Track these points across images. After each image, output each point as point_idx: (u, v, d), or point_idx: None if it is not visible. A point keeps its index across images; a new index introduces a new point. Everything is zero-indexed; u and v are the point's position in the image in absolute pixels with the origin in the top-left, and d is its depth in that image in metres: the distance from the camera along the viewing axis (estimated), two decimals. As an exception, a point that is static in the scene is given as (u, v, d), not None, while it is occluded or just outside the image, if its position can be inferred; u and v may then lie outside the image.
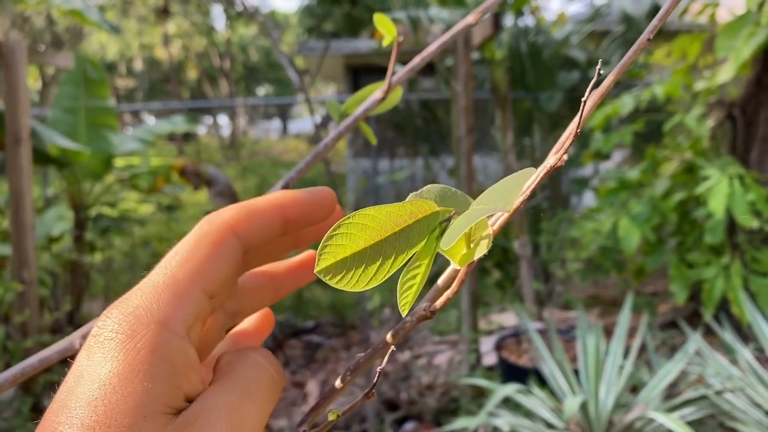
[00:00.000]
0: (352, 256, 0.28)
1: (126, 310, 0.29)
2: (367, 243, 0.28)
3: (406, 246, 0.29)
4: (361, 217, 0.28)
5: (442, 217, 0.29)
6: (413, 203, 0.29)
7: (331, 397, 0.32)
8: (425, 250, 0.29)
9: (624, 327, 2.47)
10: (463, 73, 2.97)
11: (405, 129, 5.59)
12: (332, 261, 0.28)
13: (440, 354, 3.49)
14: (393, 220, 0.28)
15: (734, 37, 2.86)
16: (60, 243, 4.02)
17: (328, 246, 0.28)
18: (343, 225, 0.28)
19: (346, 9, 12.52)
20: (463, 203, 0.30)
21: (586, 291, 4.75)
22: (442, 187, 0.31)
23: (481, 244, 0.28)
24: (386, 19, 0.36)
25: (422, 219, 0.29)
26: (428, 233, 0.29)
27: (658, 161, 3.51)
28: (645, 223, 3.14)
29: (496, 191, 0.25)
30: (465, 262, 0.29)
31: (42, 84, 15.41)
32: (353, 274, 0.28)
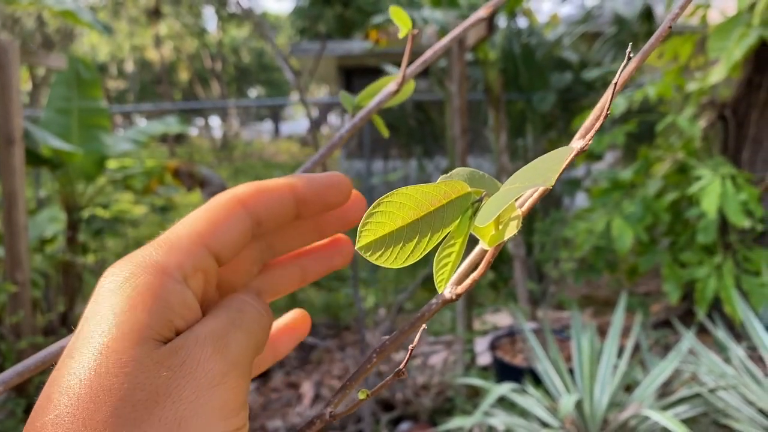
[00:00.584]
0: (390, 234, 0.29)
1: (128, 259, 0.32)
2: (404, 221, 0.29)
3: (441, 225, 0.30)
4: (399, 196, 0.29)
5: (473, 197, 0.30)
6: (447, 183, 0.29)
7: (357, 379, 0.32)
8: (459, 229, 0.30)
9: (618, 326, 2.48)
10: (458, 74, 2.98)
11: (399, 130, 5.59)
12: (372, 238, 0.29)
13: (435, 354, 3.50)
14: (428, 200, 0.29)
15: (726, 39, 2.88)
16: (53, 244, 4.00)
17: (369, 223, 0.28)
18: (383, 203, 0.28)
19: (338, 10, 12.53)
20: (491, 186, 0.31)
21: (580, 291, 4.77)
22: (471, 171, 0.31)
23: (510, 224, 0.28)
24: (402, 12, 0.36)
25: (455, 199, 0.30)
26: (461, 213, 0.30)
27: (650, 162, 3.53)
28: (638, 223, 3.16)
29: (532, 170, 0.26)
30: (494, 243, 0.29)
31: (32, 85, 15.35)
32: (392, 251, 0.29)
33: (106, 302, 0.30)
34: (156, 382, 0.28)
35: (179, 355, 0.29)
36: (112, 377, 0.27)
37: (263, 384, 3.53)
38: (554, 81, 4.45)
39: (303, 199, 0.37)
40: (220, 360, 0.30)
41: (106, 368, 0.28)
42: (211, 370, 0.29)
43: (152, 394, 0.27)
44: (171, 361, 0.29)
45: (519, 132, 4.73)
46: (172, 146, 16.32)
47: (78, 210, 3.83)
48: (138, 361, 0.28)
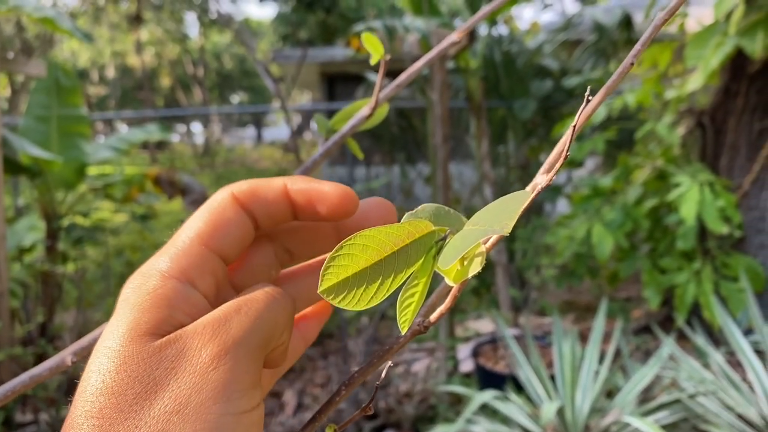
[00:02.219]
0: (353, 276, 0.29)
1: (138, 271, 0.34)
2: (367, 263, 0.29)
3: (405, 265, 0.29)
4: (361, 238, 0.28)
5: (437, 236, 0.30)
6: (410, 223, 0.29)
7: (326, 411, 0.32)
8: (423, 269, 0.30)
9: (599, 332, 2.50)
10: (439, 83, 3.00)
11: (381, 137, 5.60)
12: (335, 281, 0.28)
13: (418, 361, 3.50)
14: (392, 241, 0.29)
15: (703, 47, 2.92)
16: (32, 253, 3.96)
17: (331, 267, 0.28)
18: (345, 246, 0.28)
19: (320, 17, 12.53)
20: (456, 222, 0.31)
21: (561, 297, 4.79)
22: (436, 207, 0.31)
23: (474, 261, 0.28)
24: (373, 38, 0.36)
25: (419, 239, 0.30)
26: (425, 252, 0.30)
27: (630, 168, 3.56)
28: (618, 229, 3.18)
29: (491, 212, 0.26)
30: (459, 280, 0.29)
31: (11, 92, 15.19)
32: (355, 293, 0.29)
33: (115, 313, 0.32)
34: (154, 373, 0.29)
35: (176, 344, 0.30)
36: (113, 374, 0.29)
37: (245, 393, 3.51)
38: (535, 88, 4.48)
39: (296, 204, 0.37)
40: (217, 343, 0.30)
41: (107, 368, 0.29)
42: (208, 354, 0.30)
43: (151, 385, 0.29)
44: (167, 352, 0.30)
45: (500, 139, 4.75)
46: (153, 153, 16.22)
47: (57, 218, 3.79)
48: (134, 356, 0.29)
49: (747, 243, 3.26)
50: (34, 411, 3.16)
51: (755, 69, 3.15)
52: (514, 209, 0.25)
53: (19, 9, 3.47)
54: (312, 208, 0.37)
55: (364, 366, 0.33)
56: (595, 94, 0.30)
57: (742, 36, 2.76)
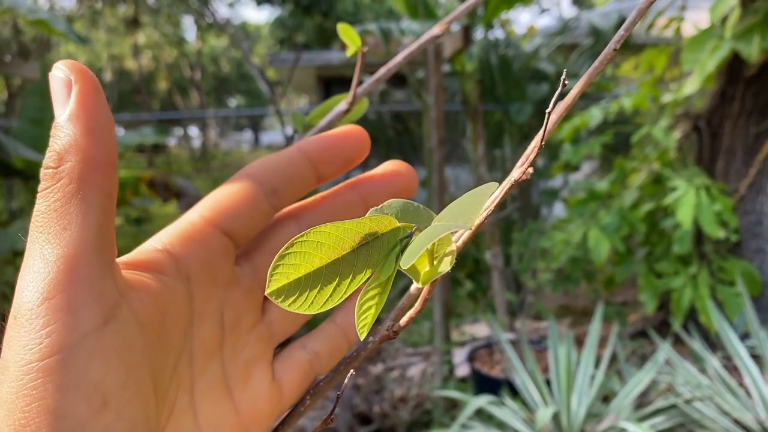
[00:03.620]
0: (306, 277, 0.26)
1: None
2: (322, 262, 0.26)
3: (365, 265, 0.27)
4: (315, 234, 0.26)
5: (403, 233, 0.28)
6: (372, 219, 0.27)
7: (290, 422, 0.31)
8: (385, 269, 0.28)
9: (595, 337, 2.48)
10: (434, 85, 2.99)
11: (377, 140, 5.59)
12: (284, 282, 0.26)
13: (413, 366, 3.48)
14: (351, 237, 0.27)
15: (699, 51, 2.91)
16: (25, 257, 3.93)
17: (280, 266, 0.26)
18: (296, 243, 0.26)
19: (317, 21, 12.54)
20: (426, 218, 0.29)
21: (557, 301, 4.78)
22: (405, 202, 0.29)
23: (444, 260, 0.26)
24: (349, 29, 0.35)
25: (382, 236, 0.27)
26: (388, 251, 0.28)
27: (626, 172, 3.55)
28: (614, 233, 3.17)
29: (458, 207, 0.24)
30: (428, 280, 0.27)
31: (8, 95, 15.17)
32: (307, 295, 0.27)
33: None
34: None
35: None
36: None
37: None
38: (531, 92, 4.48)
39: (318, 158, 0.36)
40: None
41: None
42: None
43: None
44: None
45: (497, 143, 4.74)
46: (150, 156, 16.20)
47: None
48: None
49: (743, 247, 3.25)
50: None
51: (751, 73, 3.14)
52: (479, 203, 0.23)
53: (13, 11, 3.46)
54: (329, 156, 0.36)
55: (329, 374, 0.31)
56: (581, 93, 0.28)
57: (738, 40, 2.75)
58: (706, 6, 3.57)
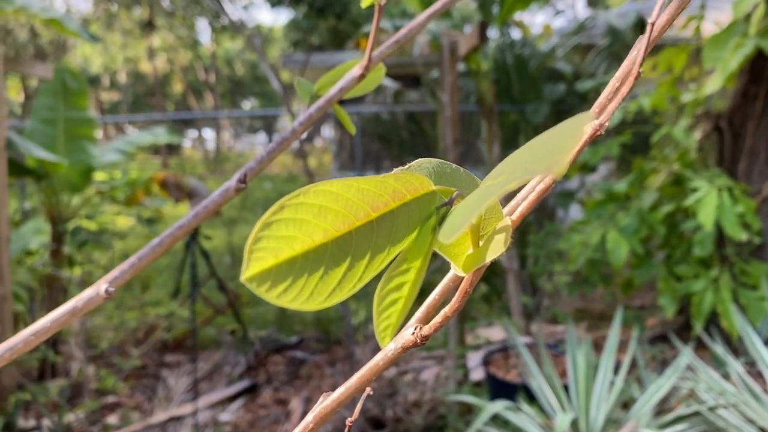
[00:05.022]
0: (303, 256, 0.18)
1: None
2: (327, 235, 0.18)
3: (387, 241, 0.19)
4: (317, 195, 0.18)
5: (440, 200, 0.20)
6: (398, 178, 0.19)
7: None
8: (416, 248, 0.20)
9: (614, 341, 2.42)
10: (449, 84, 2.93)
11: (391, 141, 5.54)
12: (271, 263, 0.18)
13: (427, 370, 3.42)
14: (367, 202, 0.19)
15: (722, 48, 2.84)
16: (37, 257, 3.92)
17: (264, 239, 0.18)
18: (288, 207, 0.18)
19: (331, 23, 12.53)
20: (468, 183, 0.21)
21: (573, 304, 4.71)
22: (439, 162, 0.21)
23: (495, 240, 0.19)
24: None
25: (411, 201, 0.20)
26: (420, 223, 0.20)
27: (645, 173, 3.48)
28: (633, 235, 3.10)
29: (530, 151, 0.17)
30: (473, 267, 0.20)
31: (25, 96, 15.28)
32: (304, 283, 0.18)
33: None
34: None
35: None
36: None
37: (251, 400, 3.45)
38: (547, 92, 4.41)
39: None
40: None
41: None
42: None
43: None
44: None
45: (512, 143, 4.68)
46: (164, 158, 16.25)
47: (63, 222, 3.75)
48: None
49: (766, 250, 3.17)
50: (37, 417, 3.11)
51: (775, 71, 3.06)
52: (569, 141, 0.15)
53: (26, 9, 3.44)
54: None
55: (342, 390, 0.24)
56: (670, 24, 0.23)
57: (762, 36, 2.68)
58: (725, 6, 3.49)
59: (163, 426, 3.09)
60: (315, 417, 0.24)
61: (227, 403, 3.40)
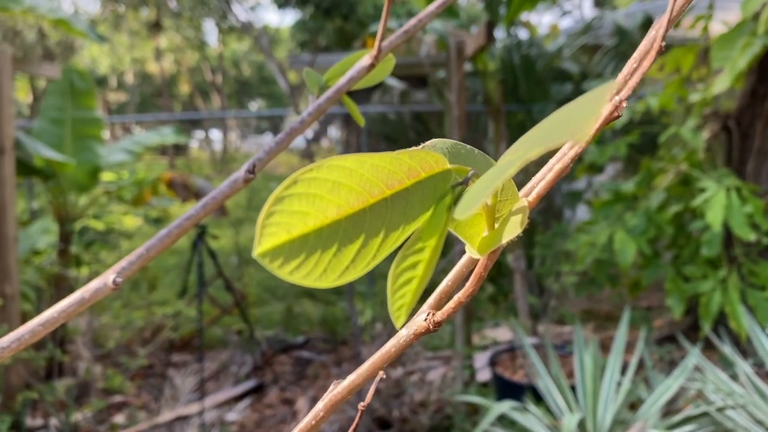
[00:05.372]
0: (316, 233, 0.18)
1: None
2: (341, 212, 0.18)
3: (402, 219, 0.19)
4: (331, 170, 0.18)
5: (455, 179, 0.20)
6: (413, 155, 0.19)
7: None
8: (431, 226, 0.20)
9: (621, 342, 2.41)
10: (456, 84, 2.93)
11: (397, 141, 5.54)
12: (284, 239, 0.18)
13: (433, 370, 3.42)
14: (382, 179, 0.19)
15: (730, 48, 2.83)
16: (44, 256, 3.94)
17: (276, 214, 0.18)
18: (302, 181, 0.18)
19: (338, 23, 12.53)
20: (483, 163, 0.21)
21: (580, 305, 4.69)
22: (454, 143, 0.21)
23: (511, 221, 0.19)
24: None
25: (426, 179, 0.19)
26: (435, 201, 0.20)
27: (653, 173, 3.47)
28: (640, 236, 3.09)
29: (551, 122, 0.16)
30: (488, 248, 0.20)
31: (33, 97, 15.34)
32: (318, 259, 0.18)
33: None
34: None
35: None
36: None
37: (258, 400, 3.45)
38: (554, 92, 4.40)
39: None
40: None
41: None
42: None
43: None
44: None
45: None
46: (172, 158, 16.30)
47: (70, 221, 3.76)
48: None
49: (775, 251, 3.15)
50: (44, 416, 3.12)
51: (784, 71, 3.05)
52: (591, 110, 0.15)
53: (34, 10, 3.46)
54: None
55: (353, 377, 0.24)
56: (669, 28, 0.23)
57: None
58: (733, 5, 3.48)
59: (169, 425, 3.09)
60: (325, 404, 0.24)
61: (234, 403, 3.40)
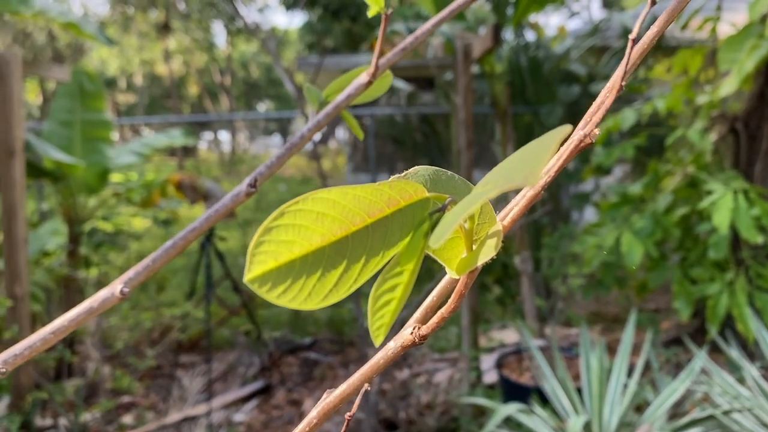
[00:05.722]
0: (302, 259, 0.20)
1: None
2: (325, 240, 0.20)
3: (382, 245, 0.21)
4: (315, 202, 0.19)
5: (433, 206, 0.22)
6: (393, 185, 0.21)
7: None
8: (409, 252, 0.21)
9: (628, 344, 2.41)
10: (463, 86, 2.94)
11: (404, 143, 5.55)
12: (272, 265, 0.20)
13: (440, 372, 3.42)
14: (363, 209, 0.20)
15: (737, 50, 2.82)
16: (54, 258, 3.96)
17: (265, 243, 0.19)
18: (289, 213, 0.19)
19: (346, 25, 12.56)
20: (462, 189, 0.22)
21: (588, 307, 4.69)
22: (435, 170, 0.23)
23: (487, 244, 0.20)
24: (368, -15, 0.31)
25: (405, 208, 0.21)
26: (413, 228, 0.21)
27: (660, 176, 3.46)
28: (648, 238, 3.09)
29: (511, 163, 0.18)
30: (465, 270, 0.21)
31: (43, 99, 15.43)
32: (302, 285, 0.20)
33: None
34: None
35: None
36: None
37: (265, 401, 3.47)
38: (562, 94, 4.40)
39: None
40: None
41: None
42: None
43: None
44: None
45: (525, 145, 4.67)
46: (181, 160, 16.36)
47: (80, 223, 3.79)
48: None
49: (783, 253, 3.14)
50: (53, 416, 3.15)
51: (792, 73, 3.04)
52: (543, 153, 0.17)
53: (44, 13, 3.49)
54: None
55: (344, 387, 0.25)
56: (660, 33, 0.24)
57: (778, 38, 2.66)
58: (741, 7, 3.47)
59: (177, 426, 3.11)
60: (319, 412, 0.25)
61: (241, 404, 3.41)
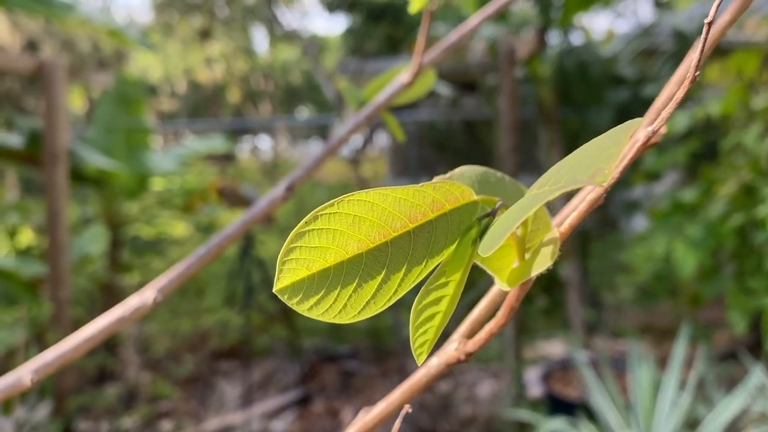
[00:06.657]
0: (336, 268, 0.18)
1: None
2: (362, 246, 0.18)
3: (425, 253, 0.18)
4: (352, 205, 0.17)
5: (482, 210, 0.19)
6: (437, 187, 0.18)
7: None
8: (455, 261, 0.19)
9: (680, 358, 2.31)
10: (508, 89, 2.86)
11: (446, 148, 5.48)
12: (303, 275, 0.17)
13: (482, 384, 3.34)
14: (405, 212, 0.18)
15: (798, 51, 2.69)
16: (96, 263, 4.00)
17: (296, 250, 0.17)
18: (322, 216, 0.17)
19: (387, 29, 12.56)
20: (513, 192, 0.20)
21: (637, 319, 4.54)
22: (484, 170, 0.21)
23: (542, 253, 0.18)
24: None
25: (451, 212, 0.19)
26: (460, 234, 0.19)
27: (713, 182, 3.33)
28: (701, 247, 2.96)
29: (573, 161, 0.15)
30: (517, 281, 0.19)
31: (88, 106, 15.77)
32: (337, 296, 0.17)
33: None
34: None
35: None
36: None
37: (303, 410, 3.43)
38: (610, 98, 4.28)
39: None
40: None
41: None
42: None
43: None
44: None
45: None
46: (223, 166, 16.56)
47: (122, 228, 3.81)
48: None
49: None
50: (94, 420, 3.16)
51: None
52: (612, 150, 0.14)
53: (89, 22, 3.52)
54: None
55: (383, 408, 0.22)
56: None
57: (843, 37, 2.52)
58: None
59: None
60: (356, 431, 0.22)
61: (280, 412, 3.38)
